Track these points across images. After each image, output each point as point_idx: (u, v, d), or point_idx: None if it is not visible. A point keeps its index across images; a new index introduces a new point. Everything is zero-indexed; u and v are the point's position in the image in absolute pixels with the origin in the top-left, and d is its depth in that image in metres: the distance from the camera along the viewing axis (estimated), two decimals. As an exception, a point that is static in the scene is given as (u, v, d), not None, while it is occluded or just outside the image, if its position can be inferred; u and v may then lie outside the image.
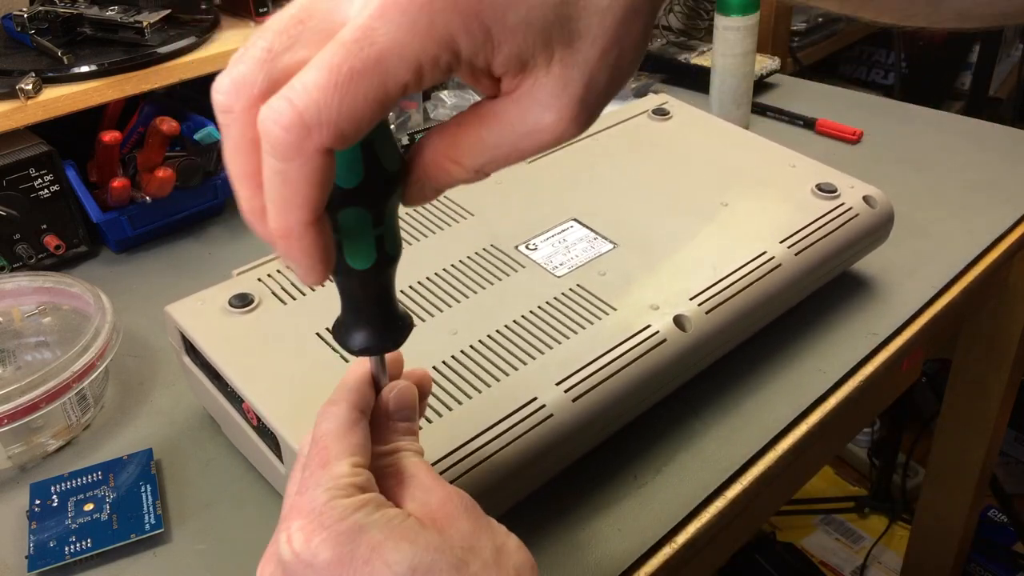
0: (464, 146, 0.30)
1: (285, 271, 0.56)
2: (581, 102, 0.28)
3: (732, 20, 0.87)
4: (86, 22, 0.77)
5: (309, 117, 0.25)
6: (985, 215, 0.76)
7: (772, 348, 0.61)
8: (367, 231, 0.30)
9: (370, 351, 0.35)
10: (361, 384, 0.36)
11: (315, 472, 0.33)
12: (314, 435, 0.34)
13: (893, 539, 1.56)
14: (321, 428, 0.34)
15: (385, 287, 0.33)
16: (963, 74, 2.10)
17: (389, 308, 0.34)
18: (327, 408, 0.35)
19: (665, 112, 0.74)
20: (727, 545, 0.58)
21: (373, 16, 0.25)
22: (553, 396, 0.48)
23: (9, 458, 0.54)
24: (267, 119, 0.26)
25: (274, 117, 0.25)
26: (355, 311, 0.34)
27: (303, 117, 0.25)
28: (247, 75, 0.27)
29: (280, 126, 0.25)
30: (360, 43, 0.25)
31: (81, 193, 0.74)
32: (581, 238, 0.59)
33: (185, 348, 0.55)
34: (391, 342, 0.35)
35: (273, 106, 0.25)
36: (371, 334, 0.34)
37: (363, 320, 0.34)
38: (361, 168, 0.29)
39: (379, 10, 0.25)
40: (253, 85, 0.27)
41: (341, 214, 0.30)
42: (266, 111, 0.26)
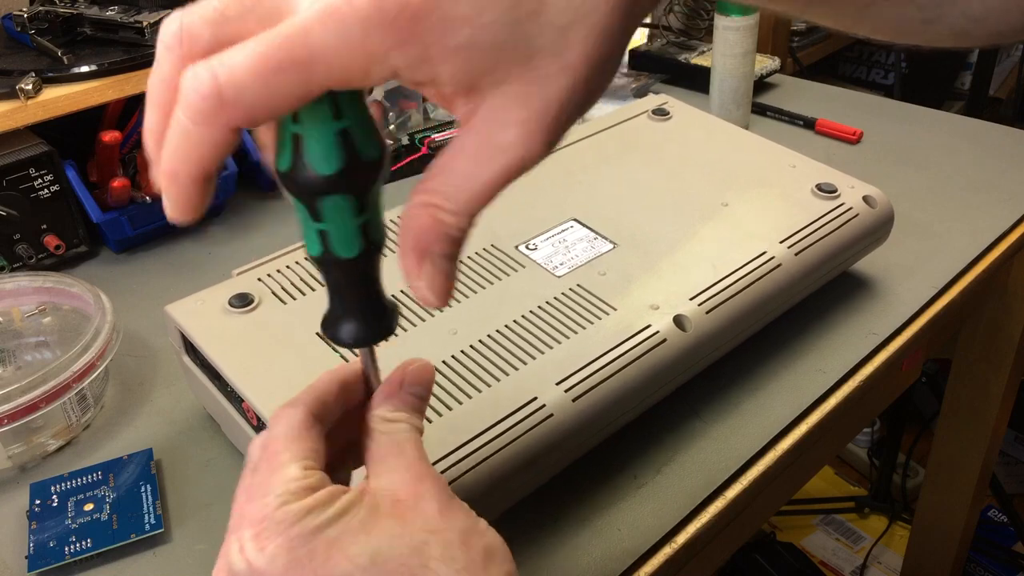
0: (438, 191, 0.29)
1: (285, 271, 0.56)
2: (544, 118, 0.27)
3: (732, 20, 0.87)
4: (86, 22, 0.77)
5: (227, 95, 0.26)
6: (985, 215, 0.76)
7: (772, 348, 0.61)
8: (351, 219, 0.30)
9: (361, 342, 0.34)
10: (325, 392, 0.35)
11: (265, 478, 0.31)
12: (264, 439, 0.33)
13: (893, 539, 1.56)
14: (272, 432, 0.33)
15: (373, 276, 0.33)
16: (963, 74, 2.10)
17: (378, 298, 0.34)
18: (281, 411, 0.34)
19: (665, 112, 0.74)
20: (727, 545, 0.58)
21: (312, 18, 0.26)
22: (553, 396, 0.48)
23: (9, 458, 0.54)
24: (188, 84, 0.27)
25: (195, 85, 0.26)
26: (343, 303, 0.34)
27: (221, 93, 0.26)
28: (195, 27, 0.28)
29: (199, 94, 0.26)
30: (294, 40, 0.26)
31: (81, 193, 0.74)
32: (581, 238, 0.59)
33: (185, 348, 0.55)
34: (383, 331, 0.34)
35: (198, 73, 0.27)
36: (361, 325, 0.34)
37: (352, 312, 0.34)
38: (337, 155, 0.29)
39: (320, 14, 0.26)
40: (198, 39, 0.28)
41: (324, 203, 0.30)
42: (190, 75, 0.27)
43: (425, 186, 0.30)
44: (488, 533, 0.33)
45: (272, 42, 0.26)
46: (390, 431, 0.34)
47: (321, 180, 0.29)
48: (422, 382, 0.36)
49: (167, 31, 0.28)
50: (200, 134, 0.27)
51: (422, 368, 0.36)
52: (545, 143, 0.28)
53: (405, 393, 0.36)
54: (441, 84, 0.27)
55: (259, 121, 0.27)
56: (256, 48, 0.26)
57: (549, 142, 0.28)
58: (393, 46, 0.26)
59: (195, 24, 0.28)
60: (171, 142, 0.28)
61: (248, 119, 0.27)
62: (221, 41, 0.27)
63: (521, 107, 0.27)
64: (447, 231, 0.30)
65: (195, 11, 0.28)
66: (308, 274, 0.56)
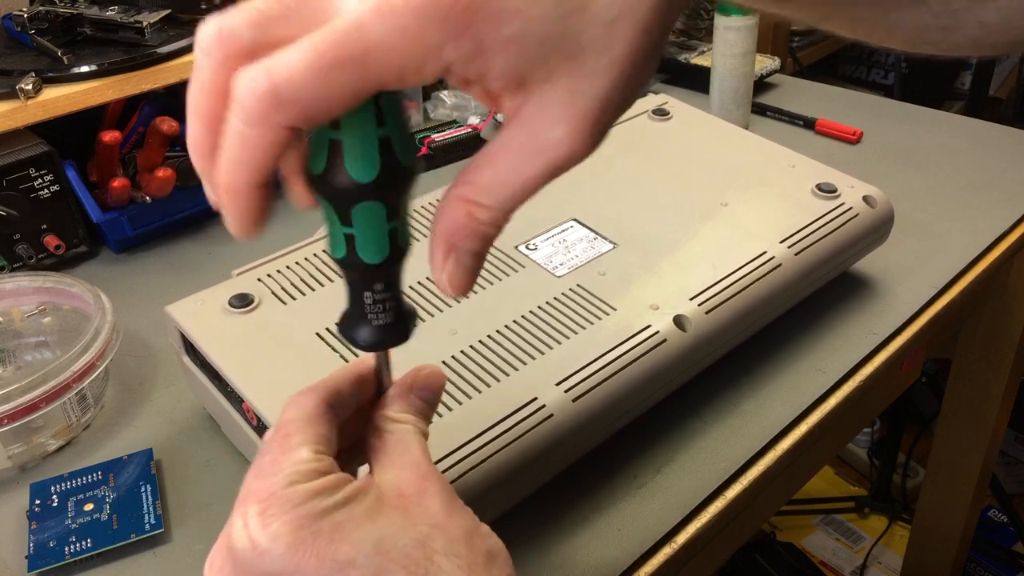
0: (479, 184, 0.30)
1: (285, 271, 0.56)
2: (591, 115, 0.28)
3: (732, 20, 0.87)
4: (86, 22, 0.77)
5: (283, 93, 0.26)
6: (985, 215, 0.76)
7: (772, 348, 0.61)
8: (382, 225, 0.30)
9: (377, 346, 0.34)
10: (340, 383, 0.35)
11: (276, 458, 0.31)
12: (278, 422, 0.33)
13: (893, 539, 1.56)
14: (286, 415, 0.33)
15: (394, 282, 0.33)
16: (963, 74, 2.10)
17: (397, 303, 0.34)
18: (296, 397, 0.34)
19: (665, 112, 0.74)
20: (727, 545, 0.58)
21: (367, 13, 0.26)
22: (553, 396, 0.48)
23: (9, 458, 0.54)
24: (243, 85, 0.26)
25: (250, 85, 0.26)
26: (361, 306, 0.33)
27: (278, 92, 0.26)
28: (237, 28, 0.27)
29: (254, 95, 0.26)
30: (350, 35, 0.26)
31: (81, 193, 0.74)
32: (581, 238, 0.59)
33: (185, 348, 0.55)
34: (398, 337, 0.34)
35: (251, 74, 0.26)
36: (378, 329, 0.34)
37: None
38: (377, 162, 0.29)
39: (374, 8, 0.26)
40: (239, 39, 0.27)
41: (356, 208, 0.30)
42: (244, 77, 0.26)
43: (466, 177, 0.30)
44: (491, 537, 0.33)
45: (327, 39, 0.26)
46: (396, 430, 0.34)
47: (357, 187, 0.29)
48: (431, 388, 0.37)
49: (204, 35, 0.28)
50: (257, 137, 0.27)
51: (432, 374, 0.37)
52: (591, 141, 0.28)
53: (414, 397, 0.36)
54: (491, 79, 0.27)
55: (315, 120, 0.27)
56: (311, 46, 0.26)
57: (595, 140, 0.29)
58: (448, 39, 0.26)
59: (236, 26, 0.27)
60: (227, 151, 0.28)
61: (304, 117, 0.26)
62: (263, 44, 0.27)
63: (568, 104, 0.27)
64: (480, 228, 0.30)
65: (235, 14, 0.28)
66: (308, 274, 0.56)
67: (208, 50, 0.28)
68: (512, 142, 0.29)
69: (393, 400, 0.36)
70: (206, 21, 0.28)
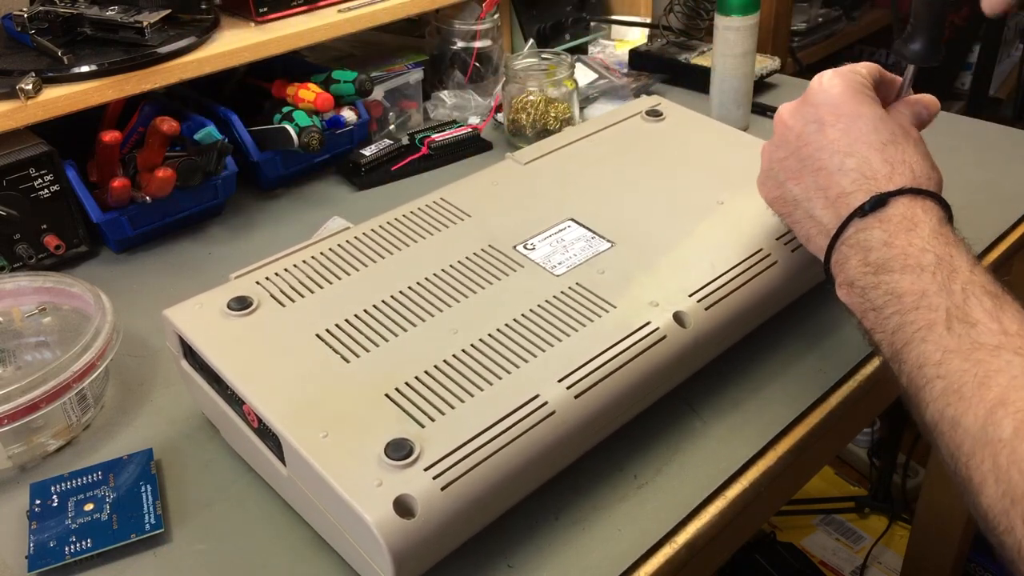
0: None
1: (283, 273, 0.56)
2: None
3: (732, 20, 0.87)
4: (86, 22, 0.77)
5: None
6: (985, 215, 0.76)
7: (772, 348, 0.61)
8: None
9: (919, 62, 0.53)
10: (878, 72, 0.55)
11: (850, 67, 0.54)
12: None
13: (893, 539, 1.56)
14: (858, 67, 0.54)
15: (942, 19, 0.51)
16: (963, 74, 2.10)
17: (940, 34, 0.52)
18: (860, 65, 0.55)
19: (658, 113, 0.74)
20: (727, 545, 0.58)
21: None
22: (555, 393, 0.48)
23: (9, 458, 0.54)
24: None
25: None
26: (924, 30, 0.51)
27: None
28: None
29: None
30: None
31: (81, 193, 0.74)
32: (579, 237, 0.59)
33: (184, 352, 0.55)
34: (933, 59, 0.53)
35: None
36: (928, 49, 0.52)
37: (927, 37, 0.51)
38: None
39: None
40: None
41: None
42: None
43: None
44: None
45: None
46: (897, 116, 0.52)
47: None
48: (930, 108, 0.55)
49: None
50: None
51: (932, 101, 0.55)
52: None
53: (918, 106, 0.55)
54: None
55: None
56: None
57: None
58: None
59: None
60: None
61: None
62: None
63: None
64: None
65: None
66: (306, 277, 0.56)
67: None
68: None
69: (907, 104, 0.54)
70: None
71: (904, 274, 0.45)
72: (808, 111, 0.52)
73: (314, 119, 0.83)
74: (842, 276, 0.49)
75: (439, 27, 1.01)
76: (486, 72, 1.02)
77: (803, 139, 0.52)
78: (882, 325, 0.46)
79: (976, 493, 0.39)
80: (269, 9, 0.84)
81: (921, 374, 0.43)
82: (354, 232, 0.60)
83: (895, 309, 0.45)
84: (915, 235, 0.46)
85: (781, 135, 0.54)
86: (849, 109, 0.51)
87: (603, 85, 1.02)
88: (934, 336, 0.43)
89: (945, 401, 0.41)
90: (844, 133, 0.50)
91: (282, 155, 0.84)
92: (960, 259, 0.45)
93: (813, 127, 0.51)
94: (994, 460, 0.38)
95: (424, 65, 0.98)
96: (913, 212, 0.47)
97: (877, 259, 0.47)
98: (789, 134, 0.53)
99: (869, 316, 0.48)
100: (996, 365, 0.40)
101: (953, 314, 0.43)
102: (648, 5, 1.21)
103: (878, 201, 0.48)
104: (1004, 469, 0.38)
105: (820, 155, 0.51)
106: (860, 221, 0.48)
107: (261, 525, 0.50)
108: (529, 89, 0.90)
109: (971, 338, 0.42)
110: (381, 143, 0.89)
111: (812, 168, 0.51)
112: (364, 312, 0.53)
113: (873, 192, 0.48)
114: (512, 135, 0.93)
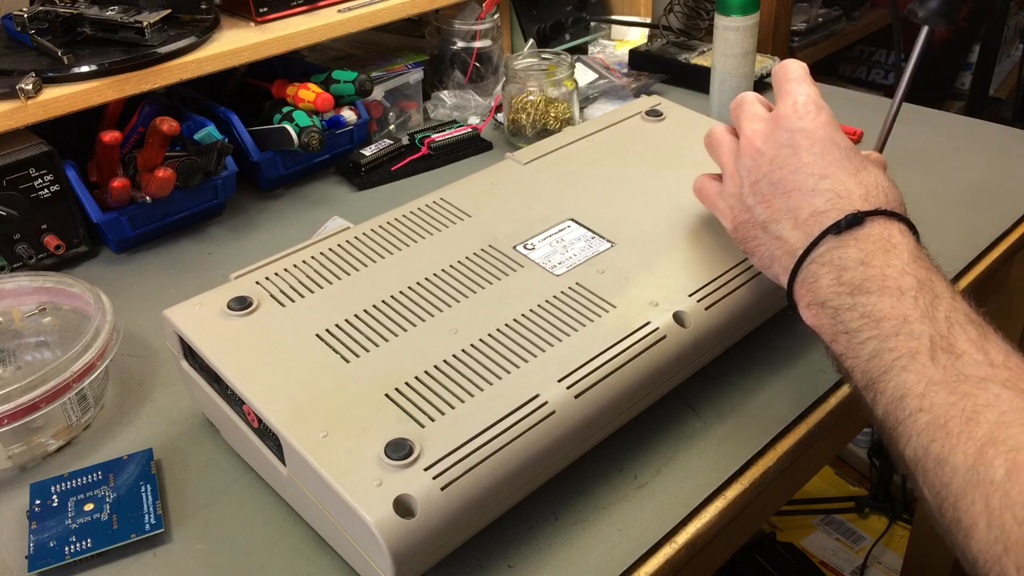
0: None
1: (283, 273, 0.56)
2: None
3: (732, 20, 0.87)
4: (86, 22, 0.77)
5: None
6: (985, 215, 0.76)
7: (772, 348, 0.61)
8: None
9: (938, 21, 0.57)
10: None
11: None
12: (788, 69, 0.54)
13: (893, 539, 1.56)
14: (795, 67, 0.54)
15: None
16: (963, 74, 2.10)
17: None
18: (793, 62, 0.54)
19: (658, 113, 0.74)
20: (727, 545, 0.58)
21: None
22: (555, 393, 0.48)
23: (9, 458, 0.54)
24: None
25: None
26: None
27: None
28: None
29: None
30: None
31: (81, 193, 0.74)
32: (579, 237, 0.59)
33: (184, 352, 0.55)
34: (953, 17, 0.57)
35: None
36: (943, 7, 0.57)
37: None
38: None
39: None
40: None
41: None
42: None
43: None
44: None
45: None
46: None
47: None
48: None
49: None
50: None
51: (879, 159, 0.57)
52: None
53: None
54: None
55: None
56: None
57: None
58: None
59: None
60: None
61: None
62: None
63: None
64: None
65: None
66: (306, 277, 0.56)
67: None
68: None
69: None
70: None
71: (883, 296, 0.43)
72: (782, 135, 0.51)
73: (314, 119, 0.83)
74: (810, 296, 0.48)
75: (439, 27, 1.01)
76: (486, 72, 1.02)
77: (776, 163, 0.51)
78: (856, 351, 0.44)
79: (966, 536, 0.37)
80: (269, 9, 0.84)
81: (902, 406, 0.41)
82: (354, 232, 0.60)
83: (872, 334, 0.43)
84: (894, 256, 0.45)
85: (752, 159, 0.52)
86: (823, 135, 0.50)
87: (603, 85, 1.02)
88: (916, 366, 0.41)
89: (930, 437, 0.39)
90: (819, 157, 0.49)
91: (282, 155, 0.84)
92: (940, 285, 0.44)
93: (787, 151, 0.50)
94: (986, 503, 0.36)
95: (424, 65, 0.98)
96: (890, 233, 0.46)
97: (852, 279, 0.45)
98: (761, 159, 0.52)
99: (841, 340, 0.45)
100: (984, 399, 0.38)
101: (937, 343, 0.41)
102: (648, 5, 1.21)
103: (854, 219, 0.46)
104: (997, 514, 0.36)
105: (794, 177, 0.50)
106: (835, 239, 0.47)
107: (261, 525, 0.50)
108: (529, 89, 0.90)
109: (956, 369, 0.40)
110: (381, 143, 0.89)
111: (783, 190, 0.50)
112: (364, 312, 0.53)
113: (848, 211, 0.47)
114: (512, 135, 0.93)
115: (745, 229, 0.53)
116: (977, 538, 0.36)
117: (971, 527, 0.37)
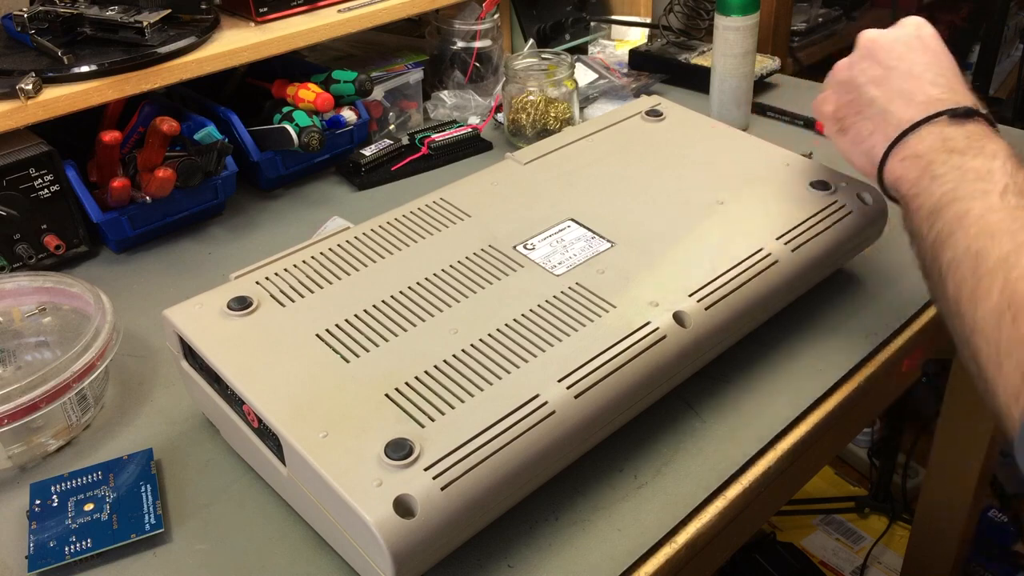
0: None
1: (283, 273, 0.56)
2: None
3: (732, 20, 0.87)
4: (86, 22, 0.77)
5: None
6: (985, 215, 0.76)
7: (772, 348, 0.61)
8: None
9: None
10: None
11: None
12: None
13: (893, 539, 1.56)
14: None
15: None
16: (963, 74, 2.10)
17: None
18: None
19: (658, 113, 0.74)
20: (727, 545, 0.58)
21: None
22: (555, 393, 0.48)
23: (9, 458, 0.54)
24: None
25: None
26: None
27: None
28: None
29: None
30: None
31: (81, 193, 0.74)
32: (579, 237, 0.59)
33: (184, 352, 0.55)
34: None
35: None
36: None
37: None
38: None
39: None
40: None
41: None
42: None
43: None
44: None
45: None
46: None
47: None
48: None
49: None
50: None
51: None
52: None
53: None
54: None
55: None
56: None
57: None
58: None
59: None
60: None
61: None
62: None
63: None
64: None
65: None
66: (306, 277, 0.56)
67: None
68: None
69: None
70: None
71: (977, 158, 0.48)
72: (901, 33, 0.56)
73: (314, 119, 0.83)
74: (907, 151, 0.52)
75: (439, 27, 1.01)
76: (486, 72, 1.02)
77: (894, 52, 0.55)
78: (931, 189, 0.49)
79: (978, 303, 0.43)
80: (269, 9, 0.84)
81: (958, 223, 0.46)
82: (354, 232, 0.60)
83: (955, 177, 0.48)
84: (994, 142, 0.50)
85: (867, 48, 0.57)
86: (942, 49, 0.55)
87: (603, 85, 1.02)
88: (984, 199, 0.46)
89: (976, 242, 0.44)
90: (935, 60, 0.55)
91: (282, 155, 0.84)
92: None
93: (904, 47, 0.55)
94: (1005, 278, 0.42)
95: (424, 65, 0.98)
96: (993, 133, 0.51)
97: (955, 146, 0.50)
98: (877, 48, 0.56)
99: (922, 181, 0.50)
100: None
101: (1010, 188, 0.46)
102: (648, 5, 1.21)
103: (969, 112, 0.51)
104: (1012, 282, 0.41)
105: (913, 67, 0.54)
106: (949, 120, 0.51)
107: (261, 525, 0.50)
108: (529, 89, 0.90)
109: (1019, 205, 0.44)
110: (381, 143, 0.89)
111: (901, 74, 0.54)
112: (364, 312, 0.53)
113: (963, 104, 0.52)
114: (512, 135, 0.93)
115: (847, 108, 0.57)
116: (986, 305, 0.42)
117: (985, 294, 0.42)
